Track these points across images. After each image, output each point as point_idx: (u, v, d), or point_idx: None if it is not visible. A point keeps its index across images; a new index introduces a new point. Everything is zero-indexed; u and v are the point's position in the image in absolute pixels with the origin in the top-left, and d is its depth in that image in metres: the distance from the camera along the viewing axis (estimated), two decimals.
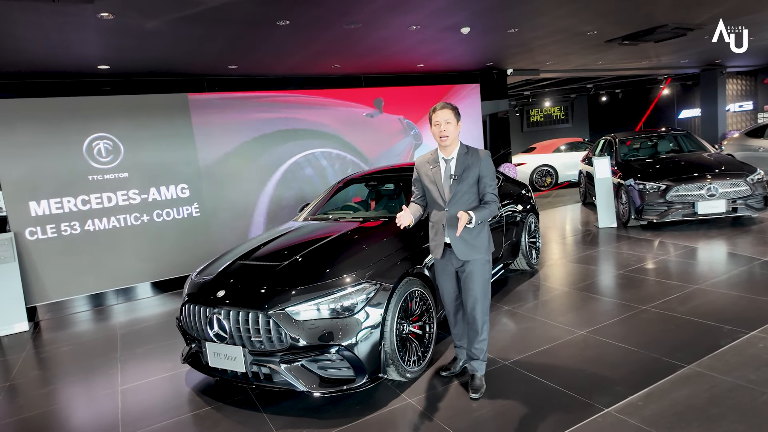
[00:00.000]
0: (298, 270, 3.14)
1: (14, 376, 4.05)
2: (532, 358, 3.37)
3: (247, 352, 2.93)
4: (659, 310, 4.00)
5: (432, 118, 2.89)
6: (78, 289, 5.91)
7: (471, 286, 2.93)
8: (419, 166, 3.05)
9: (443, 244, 2.95)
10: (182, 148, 6.34)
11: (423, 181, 3.02)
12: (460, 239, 2.87)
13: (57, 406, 3.46)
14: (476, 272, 2.92)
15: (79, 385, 3.78)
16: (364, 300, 2.93)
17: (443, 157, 2.94)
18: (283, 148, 7.05)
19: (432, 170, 2.96)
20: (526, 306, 4.41)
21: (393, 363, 3.02)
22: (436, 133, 2.89)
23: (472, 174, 2.89)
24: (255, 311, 2.88)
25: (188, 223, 6.42)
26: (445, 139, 2.86)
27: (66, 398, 3.58)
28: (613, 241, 6.63)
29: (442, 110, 2.87)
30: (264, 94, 6.87)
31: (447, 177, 2.91)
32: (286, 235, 3.88)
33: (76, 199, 5.79)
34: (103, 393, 3.53)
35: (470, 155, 2.93)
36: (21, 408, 3.43)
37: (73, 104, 5.74)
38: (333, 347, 2.82)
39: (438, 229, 2.96)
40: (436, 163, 2.96)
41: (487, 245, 2.97)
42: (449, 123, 2.85)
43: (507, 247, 4.94)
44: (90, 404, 3.39)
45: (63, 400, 3.55)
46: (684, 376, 2.93)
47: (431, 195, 2.98)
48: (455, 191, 2.88)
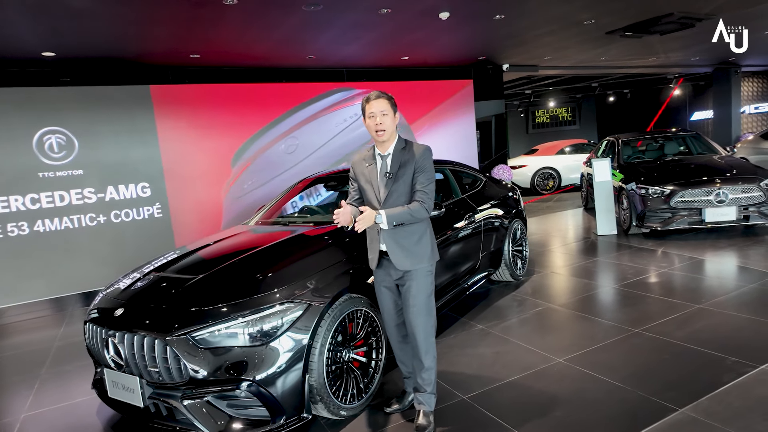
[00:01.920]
0: (212, 286, 2.65)
1: None
2: (497, 392, 2.84)
3: (145, 383, 2.44)
4: (654, 334, 3.45)
5: (365, 109, 2.50)
6: (27, 294, 5.48)
7: (411, 301, 2.49)
8: (355, 163, 2.66)
9: (378, 252, 2.52)
10: (143, 144, 5.90)
11: (359, 181, 2.62)
12: (397, 246, 2.46)
13: None
14: (417, 285, 2.49)
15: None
16: (287, 323, 2.43)
17: (379, 154, 2.56)
18: (254, 145, 6.58)
19: (368, 168, 2.59)
20: (502, 325, 3.88)
21: (322, 399, 2.51)
22: (371, 126, 2.50)
23: (408, 171, 2.51)
24: (151, 336, 2.39)
25: (149, 224, 5.97)
26: (381, 134, 2.48)
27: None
28: (612, 250, 6.06)
29: (377, 100, 2.48)
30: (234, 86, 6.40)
31: (382, 175, 2.51)
32: (221, 242, 3.40)
33: (25, 197, 5.37)
34: (1, 422, 3.06)
35: (407, 151, 2.54)
36: None
37: (22, 95, 5.32)
38: (243, 382, 2.32)
39: (373, 235, 2.55)
40: (372, 160, 2.59)
41: (430, 253, 2.53)
42: (385, 114, 2.47)
43: (486, 256, 4.41)
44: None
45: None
46: (675, 424, 2.38)
47: (367, 195, 2.58)
48: (390, 191, 2.48)
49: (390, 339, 2.68)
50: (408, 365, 2.68)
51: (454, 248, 3.90)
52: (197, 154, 6.23)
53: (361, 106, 2.53)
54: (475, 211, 4.30)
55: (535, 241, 6.91)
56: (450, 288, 3.86)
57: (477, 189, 4.78)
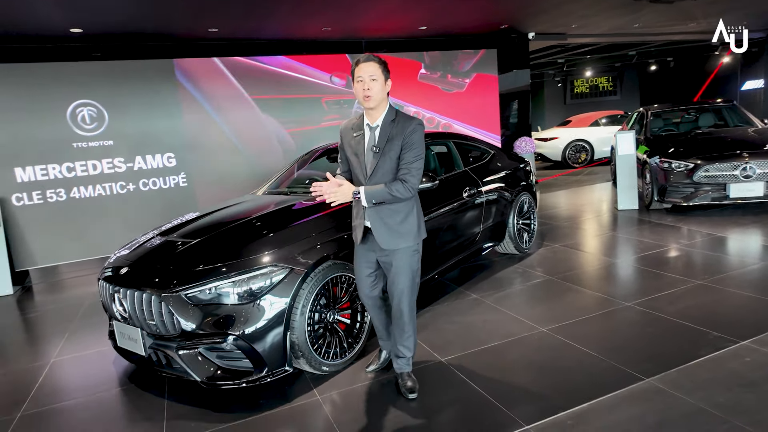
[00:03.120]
0: (206, 248, 2.87)
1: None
2: (473, 357, 2.97)
3: (146, 334, 2.72)
4: (643, 308, 3.46)
5: (354, 73, 2.38)
6: (66, 256, 5.97)
7: (396, 279, 2.51)
8: (343, 131, 2.57)
9: (363, 227, 2.52)
10: (168, 116, 6.19)
11: (345, 151, 2.55)
12: (381, 224, 2.43)
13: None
14: (402, 264, 2.48)
15: (19, 354, 3.75)
16: (269, 285, 2.63)
17: (368, 124, 2.45)
18: (273, 117, 6.76)
19: (355, 138, 2.49)
20: (497, 295, 3.97)
21: (303, 355, 2.72)
22: (358, 91, 2.38)
23: (395, 147, 2.38)
24: (149, 292, 2.64)
25: (175, 193, 6.32)
26: (368, 100, 2.35)
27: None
28: (629, 225, 5.96)
29: (367, 63, 2.36)
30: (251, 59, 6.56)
31: (369, 148, 2.43)
32: (224, 210, 3.62)
33: (61, 166, 5.79)
34: (33, 365, 3.45)
35: (397, 124, 2.42)
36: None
37: (56, 70, 5.68)
38: (229, 336, 2.55)
39: (358, 210, 2.53)
40: (360, 130, 2.47)
41: (416, 232, 2.51)
42: (375, 80, 2.34)
43: (486, 228, 4.47)
44: (11, 378, 3.31)
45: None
46: (638, 393, 2.45)
47: (353, 168, 2.52)
48: (377, 166, 2.40)
49: (366, 307, 2.74)
50: (382, 331, 2.77)
51: (451, 220, 3.98)
52: (218, 126, 6.48)
53: (351, 70, 2.43)
54: (476, 183, 4.34)
55: (552, 215, 6.86)
56: (445, 259, 3.96)
57: (483, 162, 4.80)
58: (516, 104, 8.81)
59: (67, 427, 2.65)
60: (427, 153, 4.33)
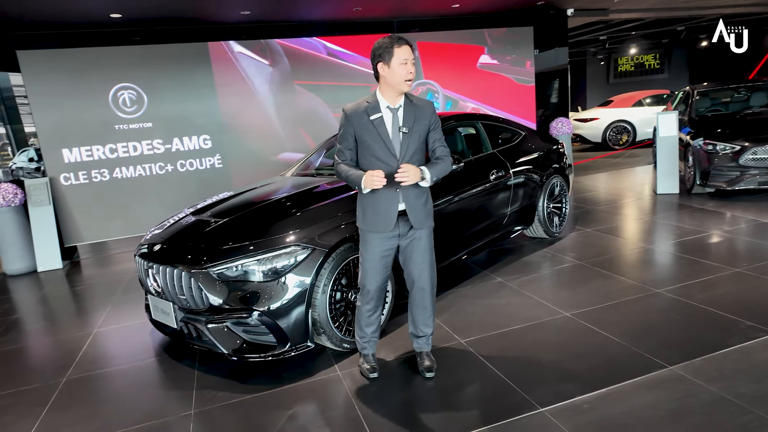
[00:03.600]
0: (234, 228, 2.98)
1: (23, 311, 4.40)
2: (492, 339, 2.98)
3: (177, 308, 2.87)
4: (674, 295, 3.37)
5: (396, 54, 2.32)
6: (109, 233, 6.30)
7: (420, 258, 2.54)
8: (352, 116, 2.43)
9: (397, 213, 2.45)
10: (203, 99, 6.36)
11: (361, 137, 2.43)
12: (416, 205, 2.45)
13: (29, 344, 3.68)
14: (426, 242, 2.54)
15: (65, 324, 4.02)
16: (292, 264, 2.71)
17: (389, 106, 2.41)
18: (307, 99, 6.83)
19: (373, 121, 2.39)
20: (522, 279, 3.94)
21: (325, 332, 2.81)
22: (401, 73, 2.33)
23: (422, 127, 2.43)
24: (179, 268, 2.78)
25: (211, 174, 6.52)
26: (410, 83, 2.37)
27: (43, 337, 3.78)
28: (667, 209, 5.76)
29: (407, 46, 2.35)
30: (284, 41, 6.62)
31: (396, 130, 2.41)
32: (254, 190, 3.72)
33: (104, 147, 6.07)
34: (79, 334, 3.70)
35: (417, 105, 2.46)
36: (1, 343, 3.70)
37: (98, 54, 5.91)
38: (254, 312, 2.66)
39: (389, 195, 2.42)
40: (378, 112, 2.40)
41: (432, 211, 2.59)
42: (413, 63, 2.38)
43: (514, 212, 4.42)
44: (59, 345, 3.56)
45: (39, 339, 3.75)
46: (657, 380, 2.41)
47: (372, 152, 2.42)
48: (408, 146, 2.41)
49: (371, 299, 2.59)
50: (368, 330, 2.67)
51: (477, 203, 3.96)
52: (252, 108, 6.61)
53: (381, 47, 2.34)
54: (504, 166, 4.29)
55: (587, 198, 6.69)
56: (470, 242, 3.96)
57: (513, 143, 4.72)
58: (553, 84, 8.56)
59: (107, 392, 2.84)
60: (455, 135, 4.30)
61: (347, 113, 2.46)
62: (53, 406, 2.73)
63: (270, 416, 2.42)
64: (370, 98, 2.47)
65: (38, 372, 3.17)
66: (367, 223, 2.49)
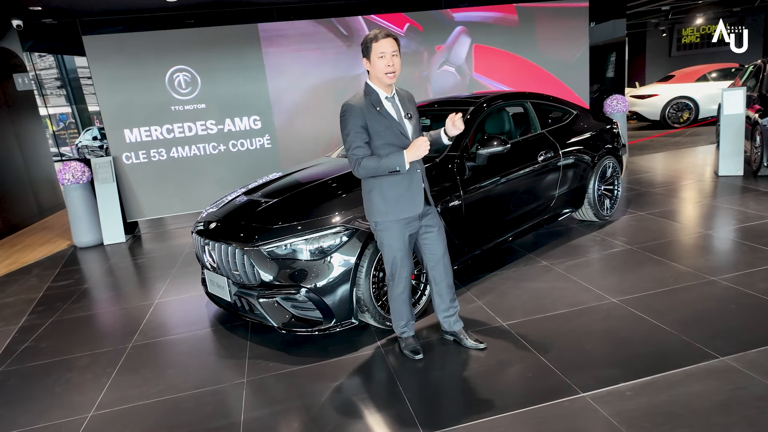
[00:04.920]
0: (283, 208, 3.10)
1: (92, 281, 4.77)
2: (535, 323, 2.98)
3: (231, 283, 3.03)
4: (731, 284, 3.23)
5: (374, 48, 2.38)
6: (167, 209, 6.65)
7: (439, 237, 2.66)
8: (361, 111, 2.43)
9: (423, 194, 2.55)
10: (253, 80, 6.51)
11: (373, 128, 2.43)
12: (427, 183, 2.64)
13: (99, 311, 3.99)
14: (439, 220, 2.68)
15: (130, 294, 4.32)
16: (337, 244, 2.80)
17: (386, 96, 2.50)
18: (358, 80, 6.85)
19: (381, 112, 2.45)
20: (569, 263, 3.88)
21: (368, 310, 2.90)
22: (381, 66, 2.39)
23: (415, 113, 2.61)
24: (233, 246, 2.93)
25: (261, 154, 6.71)
26: (392, 76, 2.42)
27: (111, 305, 4.09)
28: (729, 192, 5.45)
29: (387, 39, 2.39)
30: (334, 21, 6.64)
31: (403, 117, 2.52)
32: (302, 171, 3.83)
33: (162, 128, 6.36)
34: (142, 304, 3.99)
35: (403, 92, 2.63)
36: (70, 310, 4.03)
37: (154, 38, 6.15)
38: (302, 288, 2.78)
39: (413, 178, 2.50)
40: (380, 103, 2.47)
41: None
42: (395, 56, 2.42)
43: (563, 194, 4.32)
44: (125, 313, 3.86)
45: (107, 307, 4.07)
46: (707, 370, 2.35)
47: (390, 141, 2.45)
48: (414, 129, 2.56)
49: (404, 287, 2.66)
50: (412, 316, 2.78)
51: (524, 184, 3.90)
52: (301, 90, 6.71)
53: (364, 43, 2.43)
54: (553, 146, 4.19)
55: (642, 180, 6.43)
56: (515, 224, 3.92)
57: (564, 123, 4.59)
58: (609, 59, 8.16)
59: (168, 357, 3.07)
60: (502, 114, 4.23)
61: (357, 107, 2.44)
62: (122, 367, 2.98)
63: (317, 386, 2.55)
64: (368, 90, 2.50)
65: (109, 337, 3.45)
66: (393, 212, 2.50)
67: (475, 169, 3.53)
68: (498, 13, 7.12)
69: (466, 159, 3.52)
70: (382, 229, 2.56)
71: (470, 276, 3.79)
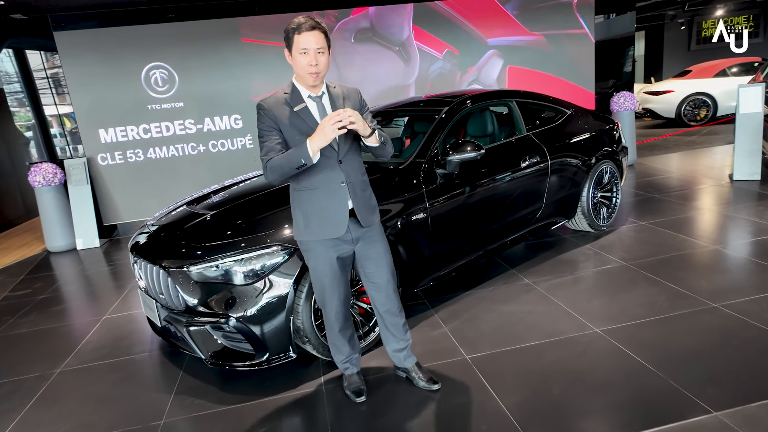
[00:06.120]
0: (217, 223, 2.76)
1: (52, 290, 4.50)
2: (503, 357, 2.59)
3: (160, 306, 2.71)
4: (734, 312, 2.80)
5: (295, 41, 1.98)
6: (145, 213, 6.35)
7: (381, 261, 2.23)
8: (271, 110, 2.05)
9: (348, 211, 2.12)
10: (233, 77, 6.19)
11: (288, 132, 2.05)
12: (361, 200, 2.14)
13: (44, 327, 3.67)
14: (383, 241, 2.25)
15: (81, 307, 4.04)
16: (273, 265, 2.45)
17: (310, 95, 2.09)
18: (347, 77, 6.49)
19: (297, 114, 2.05)
20: (553, 281, 3.47)
21: (309, 341, 2.54)
22: (302, 64, 1.99)
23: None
24: (157, 266, 2.60)
25: (242, 154, 6.40)
26: (315, 76, 2.01)
27: (57, 320, 3.73)
28: (744, 199, 4.96)
29: (312, 32, 1.97)
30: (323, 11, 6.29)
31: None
32: (248, 181, 3.49)
33: (138, 127, 6.08)
34: (88, 320, 3.70)
35: (337, 89, 2.17)
36: (14, 325, 3.74)
37: (129, 33, 5.87)
38: (231, 318, 2.44)
39: (336, 191, 2.09)
40: (300, 102, 2.07)
41: (377, 205, 2.27)
42: (321, 53, 2.00)
43: (551, 203, 3.91)
44: (67, 330, 3.54)
45: (53, 322, 3.72)
46: (696, 428, 1.94)
47: None
48: (344, 136, 2.07)
49: (333, 326, 2.30)
50: (355, 349, 2.42)
51: (502, 193, 3.50)
52: None
53: (286, 32, 2.01)
54: (540, 150, 3.77)
55: (648, 184, 5.95)
56: (492, 238, 3.53)
57: (555, 124, 4.17)
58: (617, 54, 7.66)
59: (93, 388, 2.75)
60: (485, 115, 3.83)
61: (265, 109, 2.07)
62: (39, 399, 2.68)
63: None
64: (287, 88, 2.11)
65: (40, 359, 3.15)
66: (314, 231, 2.13)
67: (447, 178, 3.15)
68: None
69: (435, 166, 3.14)
70: (306, 249, 2.21)
71: (441, 294, 3.41)
